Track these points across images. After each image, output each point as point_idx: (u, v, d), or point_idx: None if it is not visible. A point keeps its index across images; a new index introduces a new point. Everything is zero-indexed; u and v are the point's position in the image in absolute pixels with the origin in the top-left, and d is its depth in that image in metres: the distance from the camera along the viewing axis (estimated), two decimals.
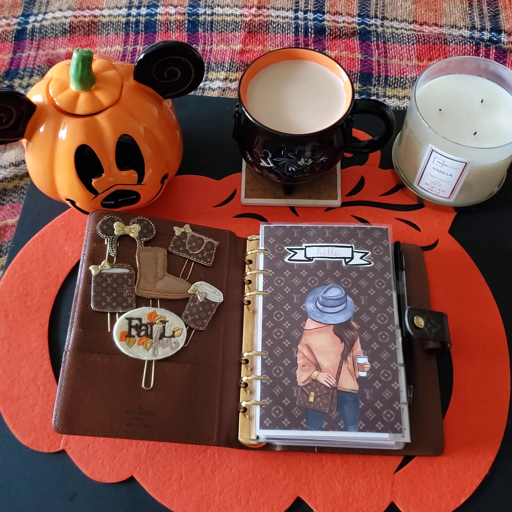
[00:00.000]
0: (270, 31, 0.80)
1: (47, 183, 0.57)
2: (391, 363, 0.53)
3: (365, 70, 0.77)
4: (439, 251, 0.63)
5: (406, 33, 0.79)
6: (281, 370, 0.54)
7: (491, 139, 0.58)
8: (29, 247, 0.63)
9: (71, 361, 0.52)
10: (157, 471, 0.53)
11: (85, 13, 0.82)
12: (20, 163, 0.70)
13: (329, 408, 0.52)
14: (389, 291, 0.57)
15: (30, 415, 0.55)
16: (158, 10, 0.82)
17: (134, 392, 0.52)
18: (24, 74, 0.77)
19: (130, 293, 0.56)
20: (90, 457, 0.53)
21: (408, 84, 0.76)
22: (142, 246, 0.58)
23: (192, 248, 0.59)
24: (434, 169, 0.60)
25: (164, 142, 0.58)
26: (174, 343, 0.54)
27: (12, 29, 0.81)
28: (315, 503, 0.52)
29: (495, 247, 0.63)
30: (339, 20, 0.80)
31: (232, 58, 0.78)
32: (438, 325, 0.55)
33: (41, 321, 0.59)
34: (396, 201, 0.66)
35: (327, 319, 0.55)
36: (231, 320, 0.57)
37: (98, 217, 0.58)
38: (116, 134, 0.54)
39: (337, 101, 0.58)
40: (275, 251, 0.59)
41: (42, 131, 0.54)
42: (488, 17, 0.80)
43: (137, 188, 0.58)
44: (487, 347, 0.58)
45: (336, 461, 0.53)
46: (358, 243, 0.59)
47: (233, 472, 0.53)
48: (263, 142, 0.57)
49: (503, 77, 0.60)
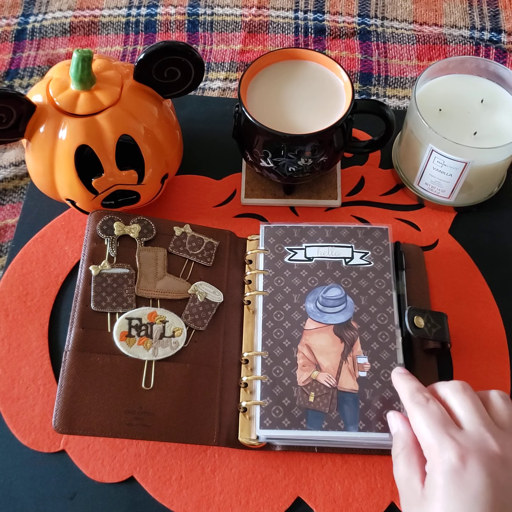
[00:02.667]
0: (270, 31, 0.80)
1: (47, 183, 0.57)
2: (391, 363, 0.53)
3: (365, 70, 0.77)
4: (439, 251, 0.63)
5: (406, 33, 0.79)
6: (281, 370, 0.54)
7: (491, 139, 0.58)
8: (29, 247, 0.63)
9: (71, 361, 0.52)
10: (157, 471, 0.53)
11: (85, 13, 0.82)
12: (20, 163, 0.70)
13: (329, 408, 0.52)
14: (389, 291, 0.57)
15: (30, 415, 0.55)
16: (158, 10, 0.82)
17: (134, 392, 0.52)
18: (24, 74, 0.77)
19: (130, 293, 0.56)
20: (90, 457, 0.53)
21: (408, 84, 0.76)
22: (142, 246, 0.58)
23: (192, 248, 0.59)
24: (434, 169, 0.60)
25: (164, 142, 0.58)
26: (174, 343, 0.54)
27: (12, 29, 0.81)
28: (315, 503, 0.52)
29: (495, 247, 0.63)
30: (339, 20, 0.80)
31: (232, 58, 0.78)
32: (438, 325, 0.55)
33: (41, 321, 0.59)
34: (396, 201, 0.66)
35: (327, 319, 0.55)
36: (231, 320, 0.57)
37: (98, 217, 0.58)
38: (116, 134, 0.54)
39: (337, 101, 0.58)
40: (275, 251, 0.59)
41: (42, 131, 0.54)
42: (488, 17, 0.80)
43: (137, 188, 0.58)
44: (487, 347, 0.58)
45: (336, 461, 0.53)
46: (358, 243, 0.59)
47: (233, 472, 0.53)
48: (263, 142, 0.57)
49: (503, 77, 0.60)
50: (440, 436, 0.41)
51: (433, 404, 0.44)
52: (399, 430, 0.47)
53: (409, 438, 0.45)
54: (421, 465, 0.43)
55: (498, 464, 0.40)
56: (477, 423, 0.42)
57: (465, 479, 0.39)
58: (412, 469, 0.43)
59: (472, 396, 0.44)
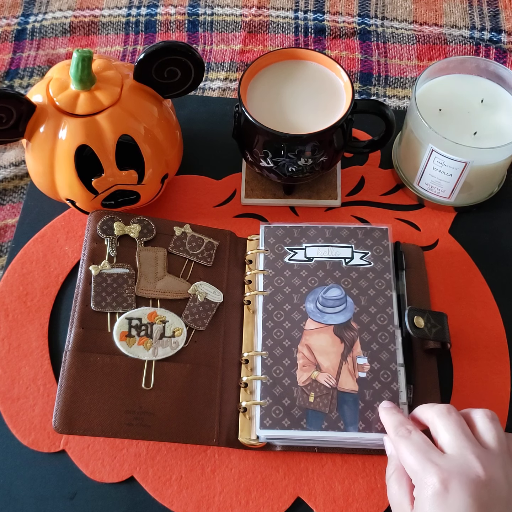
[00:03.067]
0: (270, 31, 0.80)
1: (47, 183, 0.57)
2: (391, 364, 0.53)
3: (365, 70, 0.77)
4: (439, 251, 0.63)
5: (406, 33, 0.79)
6: (281, 370, 0.54)
7: (491, 139, 0.58)
8: (29, 247, 0.63)
9: (71, 361, 0.52)
10: (157, 471, 0.53)
11: (85, 13, 0.82)
12: (20, 163, 0.70)
13: (329, 408, 0.52)
14: (389, 291, 0.57)
15: (30, 415, 0.55)
16: (158, 10, 0.82)
17: (134, 392, 0.52)
18: (24, 74, 0.77)
19: (130, 293, 0.56)
20: (90, 457, 0.53)
21: (408, 84, 0.76)
22: (142, 246, 0.58)
23: (192, 248, 0.59)
24: (434, 169, 0.60)
25: (164, 142, 0.58)
26: (174, 343, 0.54)
27: (12, 29, 0.81)
28: (315, 503, 0.52)
29: (495, 247, 0.63)
30: (339, 20, 0.80)
31: (232, 58, 0.78)
32: (438, 325, 0.55)
33: (41, 321, 0.59)
34: (396, 201, 0.66)
35: (327, 319, 0.55)
36: (231, 320, 0.57)
37: (98, 217, 0.58)
38: (116, 134, 0.54)
39: (337, 101, 0.58)
40: (275, 251, 0.59)
41: (42, 131, 0.54)
42: (488, 17, 0.80)
43: (137, 188, 0.58)
44: (487, 347, 0.58)
45: (336, 461, 0.53)
46: (358, 243, 0.59)
47: (233, 472, 0.53)
48: (263, 142, 0.57)
49: (503, 77, 0.60)
50: (423, 463, 0.42)
51: (415, 435, 0.45)
52: (392, 453, 0.48)
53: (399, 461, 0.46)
54: (410, 489, 0.44)
55: (480, 485, 0.40)
56: (460, 446, 0.43)
57: (449, 501, 0.40)
58: (402, 492, 0.44)
59: (456, 419, 0.44)
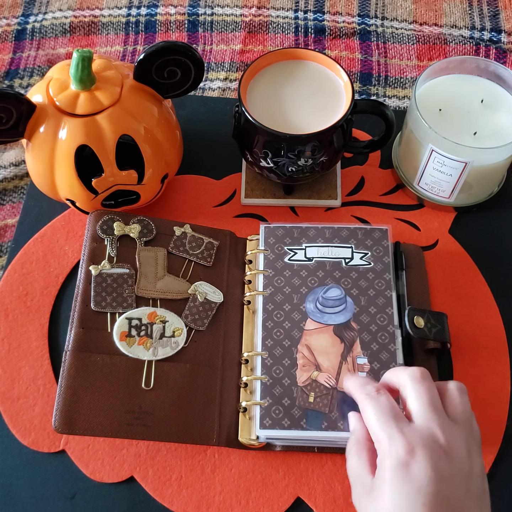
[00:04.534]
0: (270, 31, 0.80)
1: (47, 183, 0.57)
2: (391, 364, 0.53)
3: (365, 70, 0.77)
4: (439, 251, 0.63)
5: (406, 33, 0.79)
6: (281, 370, 0.54)
7: (491, 139, 0.58)
8: (29, 247, 0.63)
9: (71, 361, 0.52)
10: (157, 471, 0.53)
11: (85, 13, 0.82)
12: (20, 163, 0.70)
13: (329, 408, 0.52)
14: (388, 291, 0.57)
15: (30, 415, 0.55)
16: (158, 10, 0.82)
17: (134, 392, 0.52)
18: (24, 74, 0.77)
19: (130, 293, 0.56)
20: (90, 457, 0.53)
21: (408, 84, 0.76)
22: (142, 246, 0.58)
23: (192, 248, 0.59)
24: (434, 169, 0.60)
25: (164, 142, 0.58)
26: (174, 343, 0.54)
27: (12, 29, 0.81)
28: (315, 503, 0.52)
29: (495, 247, 0.63)
30: (339, 20, 0.80)
31: (232, 58, 0.78)
32: (438, 325, 0.55)
33: (41, 321, 0.59)
34: (396, 201, 0.66)
35: (327, 319, 0.56)
36: (231, 320, 0.57)
37: (98, 217, 0.58)
38: (116, 134, 0.54)
39: (337, 101, 0.58)
40: (275, 251, 0.59)
41: (42, 131, 0.54)
42: (488, 17, 0.80)
43: (137, 188, 0.58)
44: (487, 347, 0.58)
45: (336, 461, 0.53)
46: (358, 244, 0.59)
47: (233, 472, 0.53)
48: (263, 142, 0.57)
49: (503, 77, 0.60)
50: (389, 430, 0.42)
51: (383, 396, 0.44)
52: (354, 427, 0.48)
53: (361, 434, 0.46)
54: (371, 459, 0.44)
55: (443, 457, 0.41)
56: (427, 417, 0.42)
57: (411, 472, 0.40)
58: (362, 463, 0.44)
59: (428, 388, 0.44)
